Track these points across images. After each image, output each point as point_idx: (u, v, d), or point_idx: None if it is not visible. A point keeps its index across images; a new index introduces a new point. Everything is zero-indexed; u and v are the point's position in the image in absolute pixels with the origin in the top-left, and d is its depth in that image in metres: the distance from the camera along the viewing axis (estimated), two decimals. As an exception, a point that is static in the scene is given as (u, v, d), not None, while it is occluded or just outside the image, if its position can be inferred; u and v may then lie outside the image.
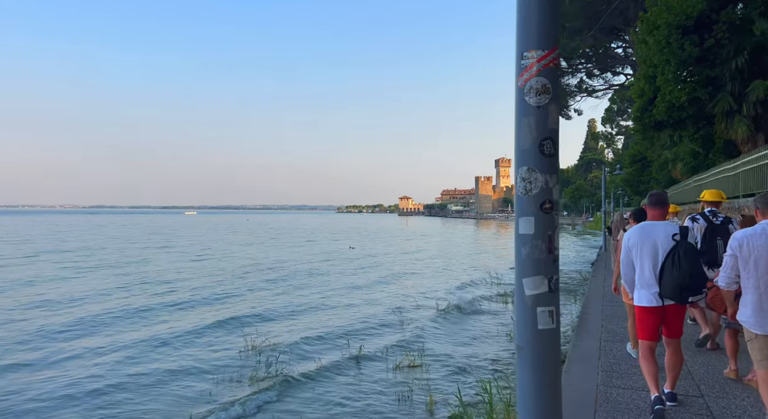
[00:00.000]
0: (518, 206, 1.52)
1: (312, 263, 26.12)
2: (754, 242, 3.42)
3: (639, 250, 3.97)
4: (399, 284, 18.65)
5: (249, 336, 10.43)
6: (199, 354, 9.44)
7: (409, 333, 10.92)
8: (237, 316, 12.80)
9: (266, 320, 12.47)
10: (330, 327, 11.56)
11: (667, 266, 3.82)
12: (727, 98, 13.19)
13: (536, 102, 1.45)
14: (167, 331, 11.28)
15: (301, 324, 11.96)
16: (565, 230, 73.83)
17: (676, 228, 3.95)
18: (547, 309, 1.47)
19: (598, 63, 31.93)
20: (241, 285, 18.13)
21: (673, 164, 21.83)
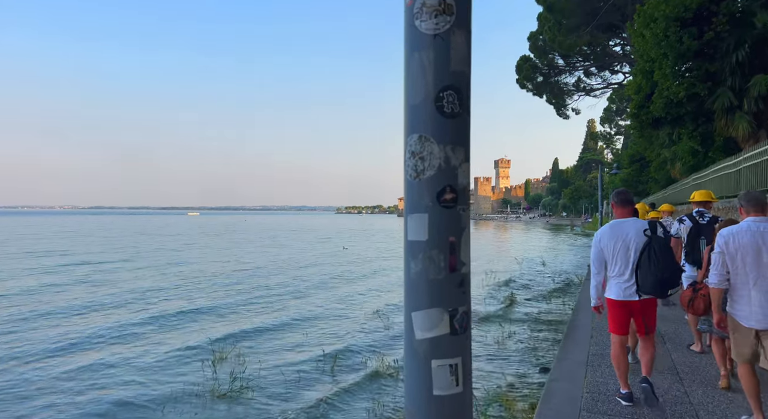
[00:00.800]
0: (407, 196, 0.97)
1: (298, 265, 25.54)
2: (739, 239, 3.46)
3: (612, 248, 4.02)
4: (386, 287, 18.06)
5: (219, 344, 9.86)
6: (158, 368, 8.84)
7: (390, 338, 10.36)
8: (208, 325, 12.22)
9: (240, 328, 11.89)
10: (306, 333, 10.98)
11: (644, 262, 3.86)
12: (728, 94, 12.65)
13: (432, 28, 0.90)
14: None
15: (275, 331, 11.36)
16: (563, 230, 73.28)
17: (645, 224, 4.01)
18: (449, 363, 0.91)
19: (596, 61, 31.41)
20: (214, 292, 17.54)
21: (672, 164, 21.28)
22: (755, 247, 3.43)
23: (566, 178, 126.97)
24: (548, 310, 13.15)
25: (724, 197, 8.31)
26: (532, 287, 17.42)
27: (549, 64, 31.51)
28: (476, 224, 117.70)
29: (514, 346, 9.55)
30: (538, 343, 9.68)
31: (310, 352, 9.49)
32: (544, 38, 29.17)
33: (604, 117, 53.51)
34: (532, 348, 9.37)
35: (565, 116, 38.09)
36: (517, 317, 12.32)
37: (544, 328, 10.95)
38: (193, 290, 17.12)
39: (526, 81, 30.80)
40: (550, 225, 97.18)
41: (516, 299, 14.44)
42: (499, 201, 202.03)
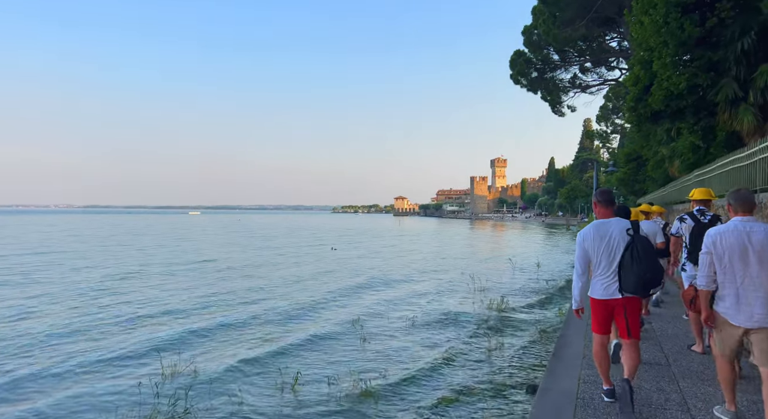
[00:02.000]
0: None
1: (280, 267, 24.62)
2: (726, 238, 3.50)
3: (596, 248, 4.04)
4: (369, 291, 17.15)
5: (171, 358, 8.94)
6: (99, 384, 7.92)
7: (368, 352, 9.45)
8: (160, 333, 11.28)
9: (199, 336, 10.96)
10: (271, 344, 10.06)
11: (627, 261, 3.88)
12: (732, 84, 11.78)
13: None
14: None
15: (238, 342, 10.44)
16: (559, 230, 72.54)
17: (627, 223, 4.03)
18: None
19: (592, 56, 30.54)
20: (185, 293, 16.62)
21: (670, 161, 20.44)
22: (742, 247, 3.45)
23: (562, 177, 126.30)
24: (540, 318, 12.28)
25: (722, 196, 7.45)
26: (525, 291, 16.56)
27: (544, 59, 30.64)
28: (472, 224, 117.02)
29: (501, 361, 8.65)
30: (527, 357, 8.79)
31: (272, 365, 8.58)
32: (538, 32, 28.29)
33: (600, 115, 52.71)
34: (521, 364, 8.48)
35: (560, 114, 37.22)
36: (506, 325, 11.43)
37: (535, 338, 10.07)
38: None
39: (520, 76, 29.92)
40: (546, 225, 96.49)
41: (506, 304, 13.56)
42: (495, 201, 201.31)
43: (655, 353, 5.51)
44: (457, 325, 11.48)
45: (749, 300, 3.44)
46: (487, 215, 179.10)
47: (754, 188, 6.69)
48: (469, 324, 11.62)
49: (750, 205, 3.62)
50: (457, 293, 16.48)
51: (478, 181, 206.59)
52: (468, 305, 14.02)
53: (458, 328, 11.28)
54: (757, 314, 3.43)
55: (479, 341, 10.13)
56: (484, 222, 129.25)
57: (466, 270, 22.43)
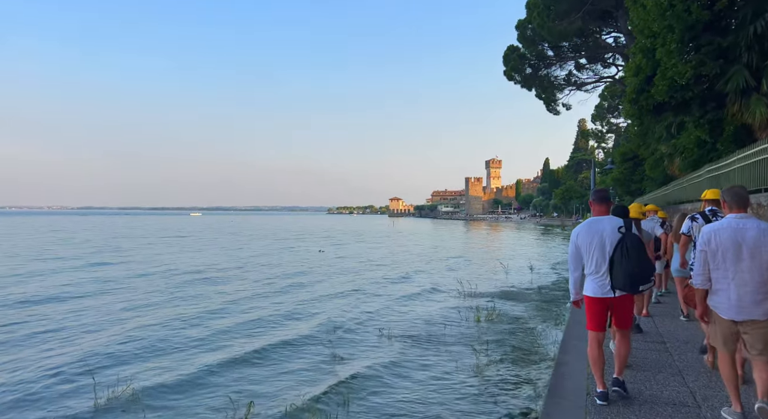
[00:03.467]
0: None
1: (258, 270, 23.47)
2: (720, 235, 3.57)
3: (588, 245, 4.11)
4: (350, 298, 16.02)
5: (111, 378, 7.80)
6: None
7: (339, 373, 8.33)
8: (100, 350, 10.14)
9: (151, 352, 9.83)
10: (229, 362, 8.92)
11: (617, 258, 3.97)
12: (743, 73, 10.78)
13: None
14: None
15: (190, 358, 9.30)
16: (554, 231, 71.65)
17: (620, 221, 4.10)
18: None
19: (587, 52, 29.60)
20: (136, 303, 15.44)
21: (670, 160, 19.41)
22: (735, 243, 3.52)
23: (557, 178, 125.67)
24: (534, 328, 11.19)
25: (764, 190, 6.28)
26: (517, 297, 15.47)
27: (538, 55, 29.68)
28: (467, 225, 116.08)
29: (487, 383, 7.55)
30: (519, 378, 7.70)
31: (224, 388, 7.45)
32: (532, 27, 27.33)
33: (595, 114, 51.87)
34: (512, 385, 7.39)
35: (555, 112, 36.27)
36: (496, 338, 10.34)
37: (528, 355, 8.97)
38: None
39: (514, 72, 28.94)
40: (541, 226, 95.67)
41: (496, 313, 12.48)
42: (490, 201, 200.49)
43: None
44: (441, 342, 10.35)
45: (740, 295, 3.53)
46: (482, 215, 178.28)
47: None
48: (456, 341, 10.50)
49: (744, 202, 3.67)
50: (444, 299, 15.38)
51: (473, 182, 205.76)
52: (455, 314, 12.91)
53: (442, 345, 10.17)
54: (745, 307, 3.52)
55: (464, 354, 9.05)
56: (479, 223, 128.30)
57: (456, 274, 21.35)
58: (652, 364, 5.09)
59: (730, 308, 3.59)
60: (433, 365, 8.64)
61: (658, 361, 5.21)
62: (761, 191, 6.69)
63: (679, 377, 4.71)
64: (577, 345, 5.81)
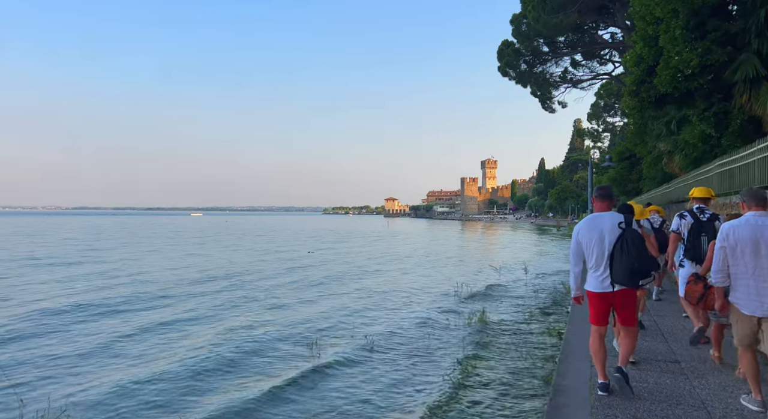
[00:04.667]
0: None
1: (248, 270, 22.59)
2: (739, 232, 3.68)
3: (589, 241, 4.17)
4: (336, 301, 15.19)
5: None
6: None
7: (316, 385, 7.50)
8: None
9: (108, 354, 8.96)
10: (188, 381, 8.07)
11: (617, 253, 4.03)
12: (753, 61, 10.02)
13: None
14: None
15: (141, 368, 8.46)
16: (549, 232, 71.00)
17: (620, 217, 4.16)
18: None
19: (583, 48, 28.89)
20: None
21: (670, 157, 18.64)
22: (754, 240, 3.61)
23: (552, 178, 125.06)
24: (527, 340, 10.38)
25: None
26: (511, 301, 14.66)
27: (533, 51, 28.93)
28: (463, 225, 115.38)
29: (473, 408, 6.72)
30: (508, 401, 6.88)
31: (176, 408, 6.61)
32: (527, 21, 26.58)
33: (591, 113, 51.13)
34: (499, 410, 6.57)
35: (551, 110, 35.58)
36: (485, 350, 9.52)
37: (520, 373, 8.16)
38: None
39: (509, 68, 28.18)
40: (536, 226, 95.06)
41: (486, 318, 11.68)
42: (485, 202, 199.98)
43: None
44: (430, 354, 9.54)
45: (760, 290, 3.59)
46: (478, 216, 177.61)
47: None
48: (445, 355, 9.69)
49: (763, 200, 3.74)
50: (435, 303, 14.55)
51: (469, 182, 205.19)
52: (444, 320, 12.10)
53: (430, 356, 9.36)
54: (767, 303, 3.56)
55: (445, 366, 8.24)
56: (474, 223, 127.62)
57: (447, 276, 20.54)
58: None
59: (750, 303, 3.64)
60: (412, 378, 7.83)
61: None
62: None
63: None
64: (577, 350, 5.06)
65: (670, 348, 5.64)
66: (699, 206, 5.70)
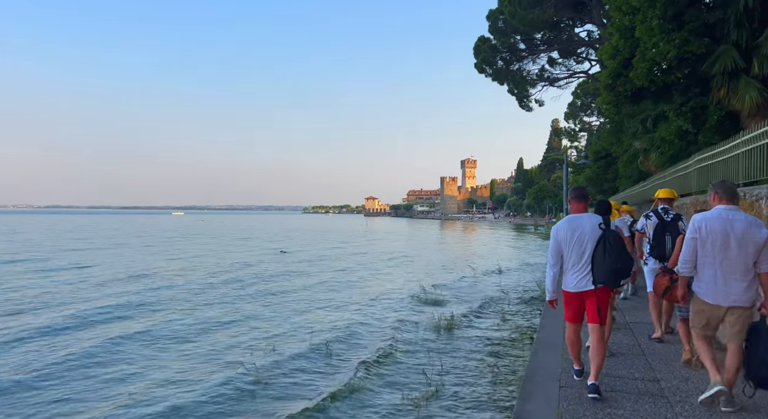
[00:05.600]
0: None
1: (210, 271, 21.66)
2: (711, 224, 3.77)
3: (569, 241, 4.24)
4: (298, 304, 14.44)
5: None
6: None
7: (257, 404, 6.76)
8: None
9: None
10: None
11: (599, 254, 4.10)
12: (731, 53, 9.58)
13: None
14: None
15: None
16: (527, 231, 71.19)
17: (599, 218, 4.23)
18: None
19: (560, 45, 28.60)
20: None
21: (645, 155, 18.33)
22: (724, 233, 3.72)
23: (531, 178, 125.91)
24: (496, 351, 9.80)
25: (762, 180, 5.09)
26: (483, 304, 14.10)
27: (510, 48, 28.51)
28: (442, 224, 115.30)
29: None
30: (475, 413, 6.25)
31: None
32: (504, 17, 26.13)
33: (568, 113, 51.21)
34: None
35: (528, 108, 35.27)
36: (452, 360, 8.90)
37: (486, 382, 7.55)
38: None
39: (485, 65, 27.71)
40: (514, 225, 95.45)
41: (455, 324, 11.07)
42: (465, 201, 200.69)
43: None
44: (395, 363, 8.88)
45: (726, 281, 3.73)
46: (457, 215, 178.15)
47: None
48: (408, 368, 9.04)
49: (734, 195, 3.87)
50: (403, 307, 13.91)
51: (448, 181, 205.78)
52: (412, 325, 11.46)
53: (396, 366, 8.70)
54: (733, 293, 3.73)
55: (412, 379, 7.59)
56: (454, 223, 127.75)
57: (420, 277, 19.93)
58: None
59: (716, 293, 3.76)
60: (376, 394, 7.15)
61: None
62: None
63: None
64: (548, 359, 4.45)
65: (647, 362, 5.08)
66: (663, 206, 5.93)
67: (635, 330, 6.45)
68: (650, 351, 5.43)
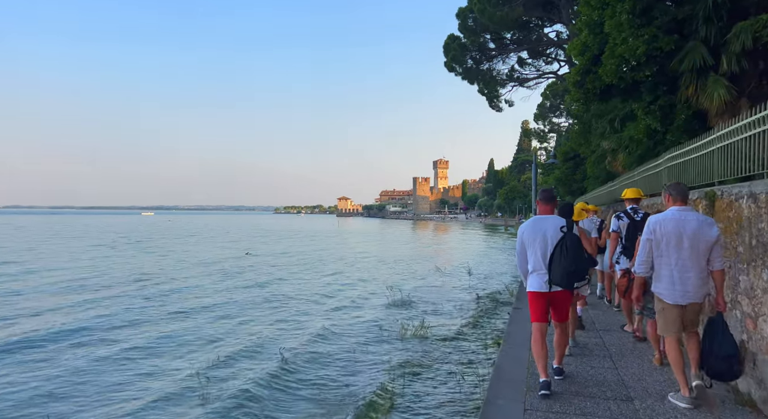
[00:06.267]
0: None
1: (166, 275, 20.70)
2: (665, 225, 3.90)
3: (532, 241, 4.35)
4: (254, 311, 13.74)
5: None
6: None
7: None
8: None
9: None
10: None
11: (556, 255, 4.21)
12: (700, 49, 9.35)
13: None
14: None
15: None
16: (498, 231, 71.64)
17: (562, 221, 4.33)
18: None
19: (529, 45, 28.59)
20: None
21: (613, 155, 18.27)
22: (677, 233, 3.84)
23: (501, 179, 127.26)
24: (467, 349, 9.36)
25: (739, 178, 4.73)
26: (453, 307, 13.68)
27: (480, 47, 28.34)
28: (414, 224, 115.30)
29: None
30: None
31: None
32: (474, 16, 25.91)
33: (537, 114, 51.75)
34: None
35: (498, 109, 35.27)
36: (415, 369, 8.40)
37: (449, 391, 7.07)
38: None
39: (455, 63, 27.44)
40: (485, 226, 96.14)
41: (420, 331, 10.58)
42: (437, 201, 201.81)
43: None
44: (358, 371, 8.33)
45: (682, 280, 3.83)
46: (429, 215, 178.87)
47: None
48: (367, 384, 8.50)
49: (686, 197, 4.05)
50: (369, 311, 13.37)
51: (421, 182, 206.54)
52: (374, 333, 10.93)
53: (353, 378, 8.14)
54: (689, 291, 3.84)
55: (378, 394, 7.05)
56: (426, 223, 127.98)
57: (388, 279, 19.41)
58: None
59: (674, 293, 3.85)
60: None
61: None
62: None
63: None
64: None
65: (619, 376, 4.68)
66: (632, 206, 6.01)
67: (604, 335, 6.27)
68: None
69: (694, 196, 5.23)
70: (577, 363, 5.10)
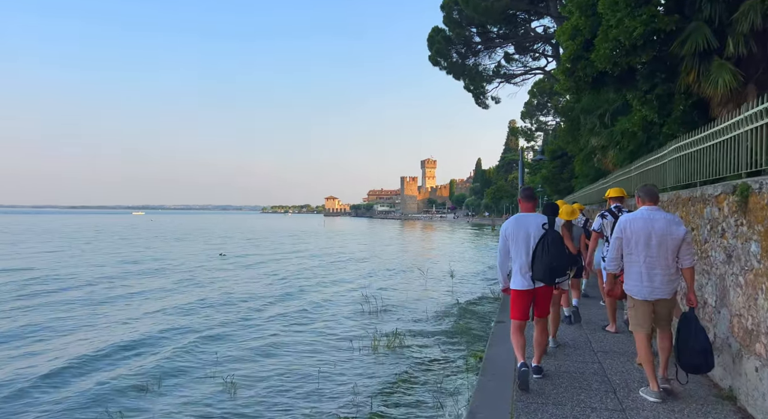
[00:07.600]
0: None
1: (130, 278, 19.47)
2: (635, 225, 4.05)
3: (515, 239, 4.46)
4: (218, 320, 12.62)
5: None
6: None
7: None
8: None
9: None
10: None
11: (538, 252, 4.32)
12: (704, 30, 8.41)
13: None
14: None
15: None
16: (485, 231, 70.99)
17: (544, 218, 4.47)
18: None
19: (516, 40, 27.75)
20: None
21: (603, 153, 17.40)
22: (646, 232, 3.99)
23: (489, 178, 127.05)
24: (444, 366, 8.34)
25: (739, 175, 3.84)
26: (433, 314, 12.66)
27: (465, 41, 27.43)
28: (402, 224, 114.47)
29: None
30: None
31: None
32: (459, 8, 24.97)
33: (524, 112, 51.02)
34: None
35: (484, 106, 34.39)
36: (387, 386, 7.35)
37: (428, 408, 6.04)
38: None
39: (440, 57, 26.50)
40: (472, 225, 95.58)
41: (396, 342, 9.54)
42: (425, 201, 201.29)
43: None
44: (321, 394, 7.25)
45: (650, 277, 3.98)
46: (417, 215, 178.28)
47: None
48: (334, 389, 7.45)
49: (655, 197, 4.17)
50: (343, 321, 12.30)
51: (409, 181, 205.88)
52: (344, 346, 9.87)
53: (324, 404, 7.07)
54: (657, 288, 3.99)
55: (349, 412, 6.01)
56: (414, 222, 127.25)
57: (365, 284, 18.33)
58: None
59: (642, 289, 4.03)
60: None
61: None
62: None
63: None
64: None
65: (609, 384, 3.71)
66: (616, 205, 6.07)
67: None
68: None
69: (717, 191, 4.21)
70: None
